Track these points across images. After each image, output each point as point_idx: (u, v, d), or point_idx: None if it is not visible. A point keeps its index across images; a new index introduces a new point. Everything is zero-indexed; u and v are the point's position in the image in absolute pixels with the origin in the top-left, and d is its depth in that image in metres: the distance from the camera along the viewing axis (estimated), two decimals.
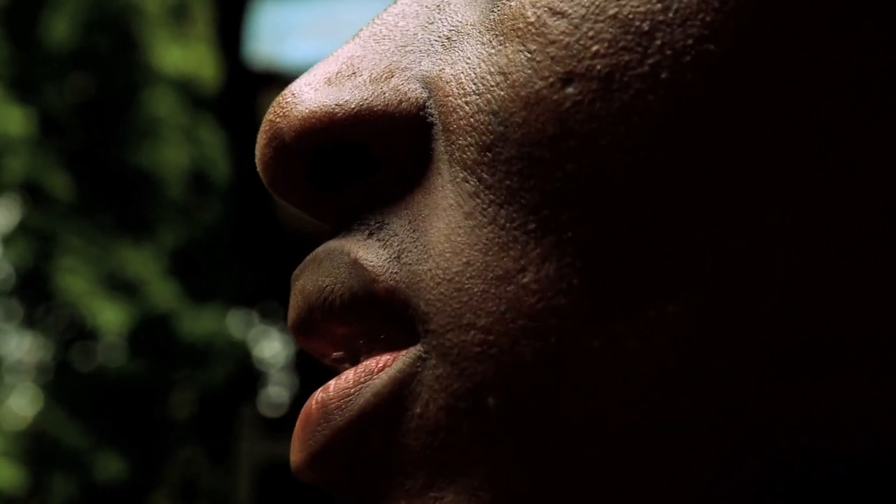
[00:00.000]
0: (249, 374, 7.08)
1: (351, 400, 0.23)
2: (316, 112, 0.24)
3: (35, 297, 6.45)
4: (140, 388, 6.41)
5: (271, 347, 7.85)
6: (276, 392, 7.73)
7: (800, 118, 0.20)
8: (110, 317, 5.70)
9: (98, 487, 6.12)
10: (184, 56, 6.13)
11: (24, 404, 6.54)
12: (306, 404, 0.24)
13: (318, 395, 0.24)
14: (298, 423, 0.25)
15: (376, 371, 0.23)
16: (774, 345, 0.20)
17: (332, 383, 0.24)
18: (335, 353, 0.25)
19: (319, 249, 0.25)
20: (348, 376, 0.24)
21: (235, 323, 7.08)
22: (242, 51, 4.72)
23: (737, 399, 0.20)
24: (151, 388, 6.47)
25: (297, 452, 0.25)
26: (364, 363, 0.24)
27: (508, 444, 0.21)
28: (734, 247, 0.20)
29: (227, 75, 5.81)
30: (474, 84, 0.22)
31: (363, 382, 0.23)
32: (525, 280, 0.21)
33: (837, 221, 0.20)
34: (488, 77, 0.22)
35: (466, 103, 0.22)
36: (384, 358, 0.23)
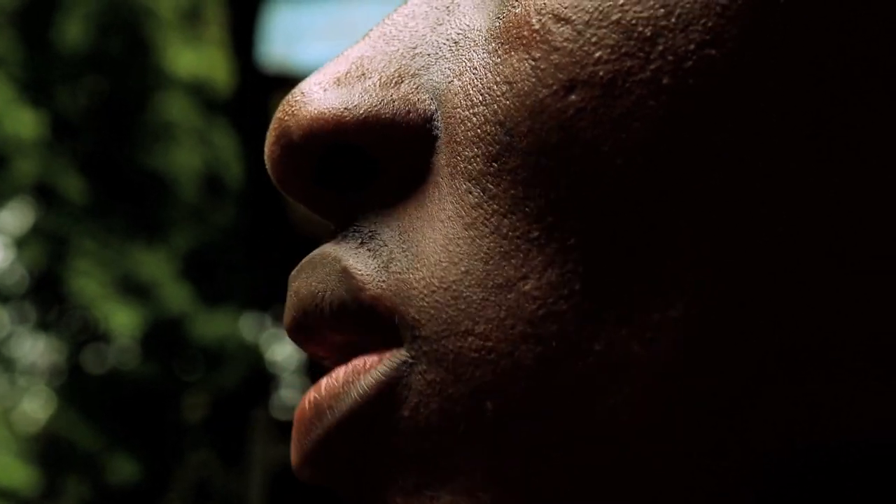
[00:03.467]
0: (262, 377, 7.08)
1: (340, 399, 0.23)
2: (324, 114, 0.24)
3: (48, 299, 6.47)
4: (153, 390, 6.42)
5: (284, 350, 7.86)
6: (289, 395, 7.73)
7: (802, 123, 0.20)
8: (123, 319, 5.71)
9: (111, 490, 6.13)
10: (197, 59, 6.14)
11: (37, 407, 6.56)
12: (300, 403, 0.25)
13: (311, 394, 0.24)
14: (294, 423, 0.25)
15: (363, 371, 0.23)
16: (776, 347, 0.20)
17: (323, 382, 0.24)
18: (330, 356, 0.25)
19: (315, 253, 0.25)
20: (338, 375, 0.24)
21: (248, 326, 7.09)
22: (255, 53, 4.73)
23: (738, 401, 0.20)
24: (164, 390, 6.49)
25: (294, 452, 0.25)
26: (353, 362, 0.24)
27: (508, 446, 0.22)
28: (735, 251, 0.20)
29: (239, 78, 5.81)
30: (481, 95, 0.22)
31: (351, 382, 0.23)
32: (526, 287, 0.21)
33: (836, 227, 0.20)
34: (494, 87, 0.22)
35: (474, 115, 0.22)
36: (371, 358, 0.23)
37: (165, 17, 6.07)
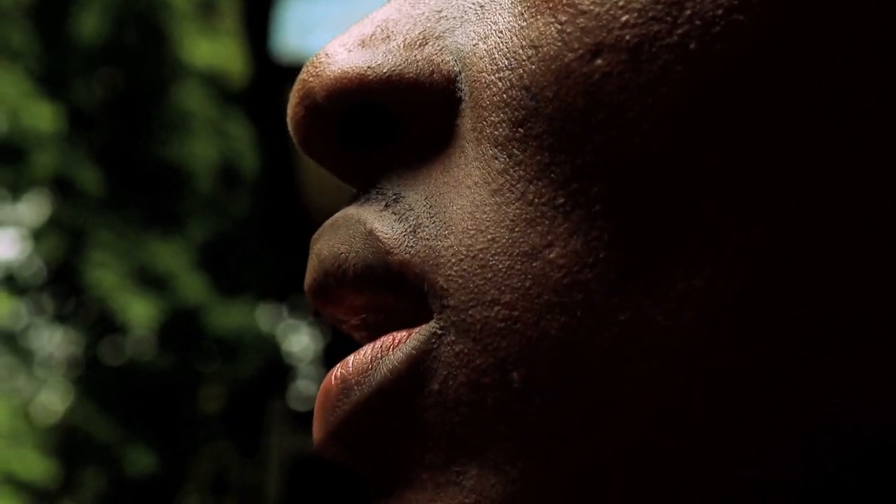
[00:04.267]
0: (279, 368, 7.10)
1: (369, 375, 0.23)
2: (348, 73, 0.24)
3: (65, 291, 6.49)
4: (169, 382, 6.44)
5: (300, 341, 7.88)
6: (305, 386, 7.74)
7: (832, 90, 0.19)
8: (140, 311, 5.72)
9: (128, 481, 6.15)
10: (212, 50, 6.14)
11: (55, 399, 6.58)
12: (325, 380, 0.25)
13: (338, 370, 0.24)
14: (318, 399, 0.25)
15: (392, 347, 0.23)
16: (802, 319, 0.20)
17: (350, 359, 0.24)
18: (349, 319, 0.25)
19: (338, 215, 0.25)
20: (366, 352, 0.24)
21: (264, 317, 7.10)
22: (270, 44, 4.73)
23: (763, 374, 0.20)
24: (181, 382, 6.50)
25: (318, 429, 0.25)
26: (381, 339, 0.24)
27: (534, 418, 0.21)
28: (762, 219, 0.20)
29: (254, 69, 5.82)
30: (506, 59, 0.22)
31: (380, 357, 0.23)
32: (552, 255, 0.21)
33: (867, 193, 0.19)
34: (520, 51, 0.22)
35: (499, 79, 0.22)
36: (400, 334, 0.23)
37: (180, 8, 6.07)
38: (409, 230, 0.23)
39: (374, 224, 0.24)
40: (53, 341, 6.74)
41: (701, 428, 0.21)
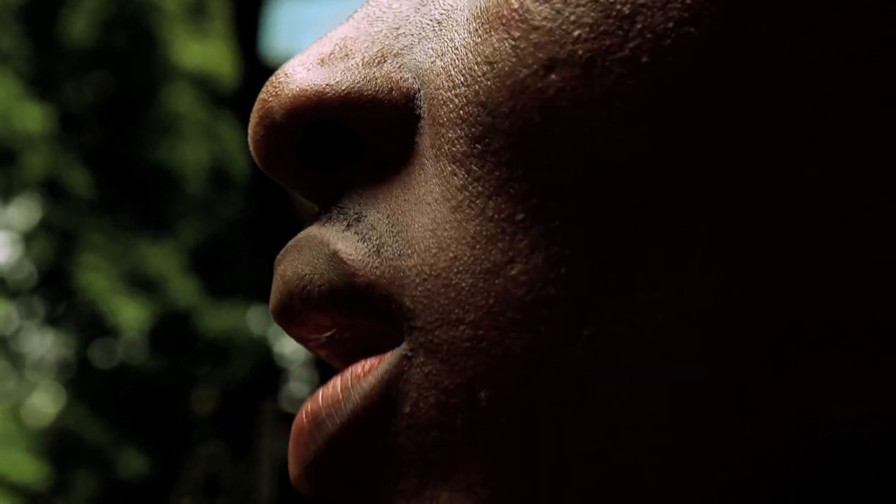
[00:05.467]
0: (270, 370, 7.09)
1: (340, 406, 0.23)
2: (306, 91, 0.24)
3: (56, 294, 6.48)
4: (161, 384, 6.43)
5: (292, 343, 7.85)
6: (298, 388, 7.73)
7: (784, 99, 0.19)
8: (131, 314, 5.72)
9: (120, 484, 6.15)
10: (202, 52, 6.14)
11: (46, 402, 6.57)
12: (297, 417, 0.24)
13: (308, 405, 0.24)
14: (291, 437, 0.24)
15: (363, 374, 0.23)
16: (762, 329, 0.20)
17: (319, 392, 0.24)
18: (315, 338, 0.25)
19: (301, 235, 0.25)
20: (336, 383, 0.24)
21: (256, 319, 7.09)
22: (260, 46, 4.73)
23: (727, 385, 0.20)
24: (172, 384, 6.49)
25: (293, 467, 0.24)
26: (349, 369, 0.23)
27: (502, 438, 0.21)
28: (721, 230, 0.20)
29: (244, 71, 5.81)
30: (462, 76, 0.22)
31: (350, 387, 0.23)
32: (513, 272, 0.21)
33: (831, 201, 0.19)
34: (475, 67, 0.22)
35: (456, 96, 0.22)
36: (369, 361, 0.23)
37: (171, 11, 6.07)
38: (372, 250, 0.23)
39: (337, 245, 0.23)
40: (44, 344, 6.73)
41: (668, 438, 0.20)
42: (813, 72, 0.19)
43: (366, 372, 0.23)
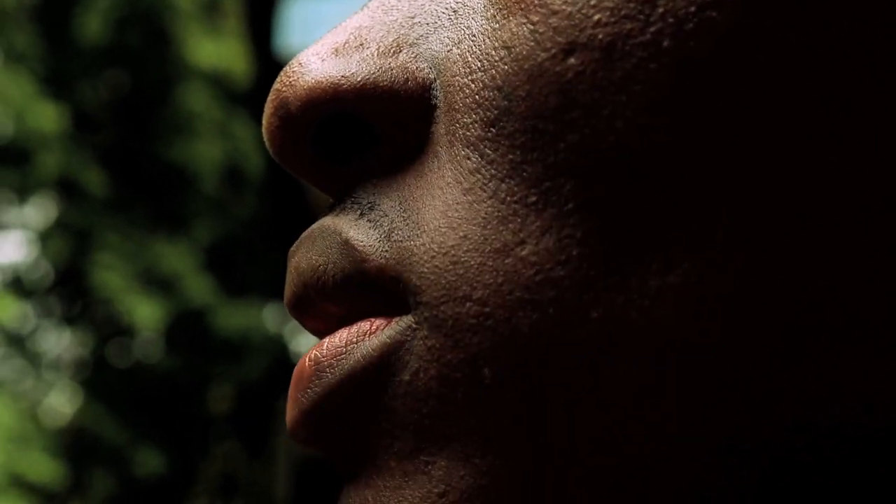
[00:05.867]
0: (286, 369, 7.09)
1: (342, 359, 0.23)
2: (321, 82, 0.24)
3: (72, 293, 6.50)
4: (177, 383, 6.44)
5: (307, 341, 7.87)
6: None
7: (806, 86, 0.20)
8: (146, 312, 5.73)
9: (137, 483, 6.16)
10: (216, 50, 6.14)
11: (63, 401, 6.59)
12: (300, 362, 0.25)
13: (312, 352, 0.24)
14: (292, 381, 0.25)
15: (369, 333, 0.23)
16: (778, 317, 0.20)
17: (325, 341, 0.24)
18: (328, 329, 0.25)
19: (315, 226, 0.25)
20: (342, 335, 0.24)
21: (271, 317, 7.10)
22: (274, 44, 4.73)
23: (738, 372, 0.20)
24: (188, 383, 6.51)
25: (290, 411, 0.25)
26: (358, 324, 0.24)
27: (505, 413, 0.22)
28: (737, 216, 0.20)
29: (258, 69, 5.82)
30: (479, 61, 0.22)
31: (355, 342, 0.23)
32: (524, 252, 0.21)
33: (852, 190, 0.19)
34: (493, 52, 0.22)
35: (472, 81, 0.22)
36: (378, 321, 0.23)
37: (184, 9, 6.07)
38: (383, 235, 0.23)
39: (349, 233, 0.24)
40: (61, 344, 6.75)
41: (674, 424, 0.21)
42: (833, 62, 0.19)
43: (371, 331, 0.23)
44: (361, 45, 0.24)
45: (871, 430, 0.20)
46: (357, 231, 0.24)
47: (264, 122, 0.26)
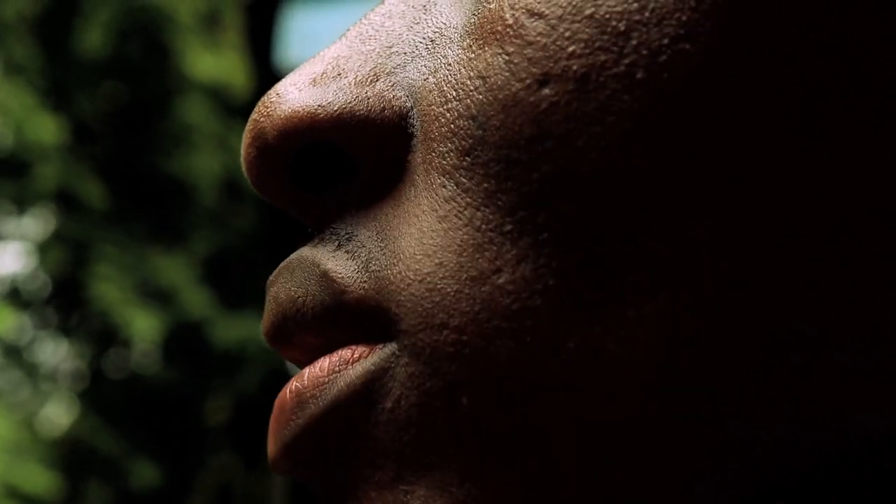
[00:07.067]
0: (283, 381, 7.07)
1: (325, 389, 0.23)
2: (298, 112, 0.24)
3: (70, 305, 6.49)
4: (174, 395, 6.43)
5: None
6: None
7: (778, 116, 0.20)
8: (144, 324, 5.72)
9: (133, 495, 6.15)
10: (215, 63, 6.15)
11: (59, 412, 6.58)
12: (280, 394, 0.25)
13: (293, 383, 0.24)
14: (273, 414, 0.25)
15: (351, 361, 0.23)
16: (756, 342, 0.20)
17: (306, 371, 0.24)
18: (307, 360, 0.25)
19: (293, 257, 0.25)
20: (323, 364, 0.24)
21: None
22: (273, 57, 4.74)
23: (718, 399, 0.20)
24: (185, 395, 6.49)
25: (272, 445, 0.25)
26: (339, 352, 0.24)
27: (481, 442, 0.21)
28: (713, 245, 0.20)
29: (257, 81, 5.82)
30: (454, 90, 0.22)
31: (337, 371, 0.23)
32: (500, 281, 0.21)
33: (820, 218, 0.20)
34: (468, 82, 0.22)
35: (447, 110, 0.22)
36: (360, 349, 0.23)
37: (184, 22, 6.08)
38: (361, 266, 0.23)
39: (328, 265, 0.24)
40: (58, 355, 6.74)
41: (654, 452, 0.21)
42: (804, 93, 0.19)
43: (354, 359, 0.23)
44: (339, 74, 0.24)
45: (854, 442, 0.21)
46: (335, 263, 0.24)
47: (242, 152, 0.25)
